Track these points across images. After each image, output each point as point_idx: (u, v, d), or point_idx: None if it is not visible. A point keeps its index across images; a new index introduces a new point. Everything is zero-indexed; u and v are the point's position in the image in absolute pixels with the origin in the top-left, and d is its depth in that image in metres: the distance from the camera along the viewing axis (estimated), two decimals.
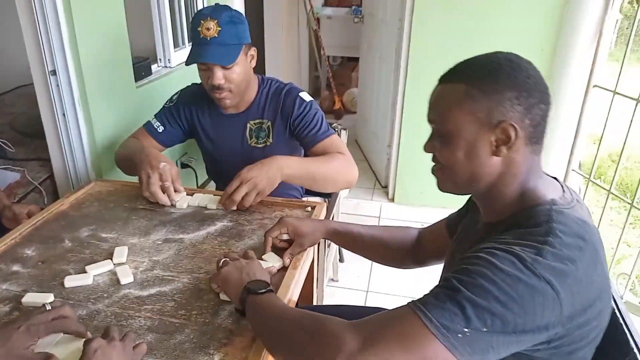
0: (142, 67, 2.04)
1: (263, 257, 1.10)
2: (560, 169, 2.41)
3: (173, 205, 1.33)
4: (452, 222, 1.09)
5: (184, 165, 2.41)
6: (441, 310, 0.66)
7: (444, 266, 0.99)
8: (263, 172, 1.28)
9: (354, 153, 1.48)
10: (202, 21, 1.37)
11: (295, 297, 1.13)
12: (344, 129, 1.96)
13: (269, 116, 1.57)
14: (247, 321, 0.89)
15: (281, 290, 1.01)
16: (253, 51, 1.51)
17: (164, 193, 1.32)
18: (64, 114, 1.65)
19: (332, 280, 2.33)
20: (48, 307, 0.85)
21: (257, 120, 1.58)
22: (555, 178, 0.85)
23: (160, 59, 2.30)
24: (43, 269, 1.09)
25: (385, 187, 3.19)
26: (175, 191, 1.34)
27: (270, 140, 1.58)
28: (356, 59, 4.38)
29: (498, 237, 0.73)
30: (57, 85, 1.61)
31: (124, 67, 1.87)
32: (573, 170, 2.40)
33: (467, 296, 0.65)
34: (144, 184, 1.31)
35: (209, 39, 1.37)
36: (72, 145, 1.69)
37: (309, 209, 1.33)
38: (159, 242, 1.19)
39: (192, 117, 1.61)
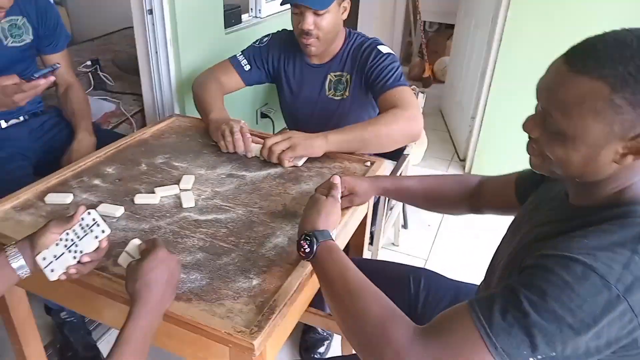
0: (232, 15, 2.12)
1: None
2: None
3: (246, 156, 1.36)
4: (523, 184, 1.01)
5: (263, 115, 2.51)
6: (507, 335, 0.63)
7: (511, 230, 0.93)
8: (305, 135, 1.30)
9: (436, 123, 1.41)
10: None
11: (341, 245, 1.17)
12: (422, 92, 1.92)
13: (349, 69, 1.58)
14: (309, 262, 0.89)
15: None
16: (347, 3, 1.51)
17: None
18: (156, 52, 1.78)
19: (393, 244, 2.34)
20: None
21: (337, 73, 1.60)
22: None
23: (251, 9, 2.37)
24: (119, 185, 1.21)
25: (463, 160, 3.09)
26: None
27: (347, 93, 1.60)
28: (454, 26, 4.20)
29: (582, 232, 0.67)
30: (153, 24, 1.73)
31: (215, 12, 1.96)
32: None
33: (537, 322, 0.62)
34: (227, 133, 1.35)
35: None
36: (161, 81, 1.82)
37: (368, 163, 1.34)
38: (223, 176, 1.27)
39: (278, 63, 1.66)
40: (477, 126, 2.87)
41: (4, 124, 1.56)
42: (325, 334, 1.71)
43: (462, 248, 2.31)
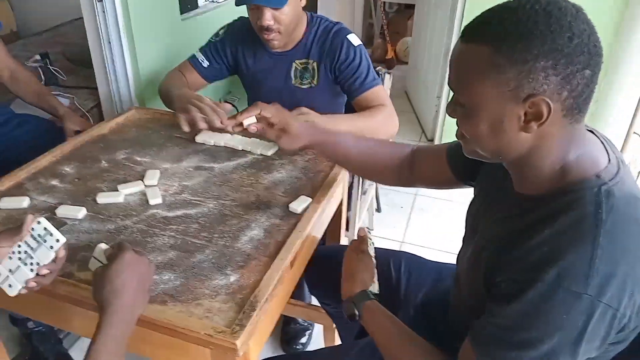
0: (188, 0, 2.03)
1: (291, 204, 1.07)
2: (619, 130, 2.24)
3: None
4: (456, 158, 0.95)
5: (227, 103, 2.43)
6: None
7: (471, 218, 0.90)
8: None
9: (402, 104, 1.45)
10: None
11: (317, 233, 1.13)
12: (388, 73, 1.89)
13: (315, 56, 1.52)
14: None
15: (302, 223, 1.01)
16: None
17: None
18: (109, 42, 1.68)
19: (368, 228, 2.32)
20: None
21: (303, 60, 1.54)
22: (592, 132, 0.73)
23: None
24: (79, 185, 1.13)
25: (431, 140, 3.10)
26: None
27: (315, 81, 1.54)
28: (414, 6, 4.18)
29: (538, 238, 0.64)
30: (104, 12, 1.63)
31: None
32: (635, 133, 2.23)
33: (534, 357, 0.63)
34: (197, 103, 1.25)
35: None
36: (116, 73, 1.73)
37: None
38: (190, 169, 1.21)
39: (237, 54, 1.58)
40: (443, 106, 2.87)
41: None
42: (306, 323, 1.68)
43: (436, 224, 2.32)
